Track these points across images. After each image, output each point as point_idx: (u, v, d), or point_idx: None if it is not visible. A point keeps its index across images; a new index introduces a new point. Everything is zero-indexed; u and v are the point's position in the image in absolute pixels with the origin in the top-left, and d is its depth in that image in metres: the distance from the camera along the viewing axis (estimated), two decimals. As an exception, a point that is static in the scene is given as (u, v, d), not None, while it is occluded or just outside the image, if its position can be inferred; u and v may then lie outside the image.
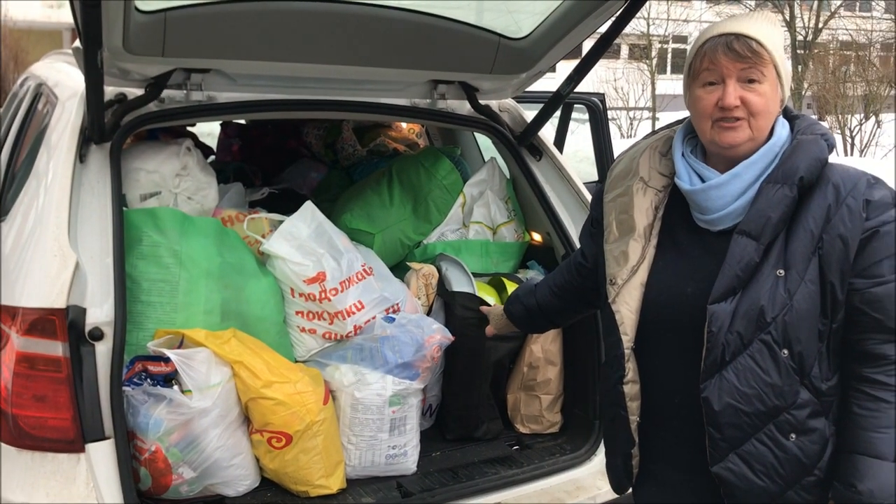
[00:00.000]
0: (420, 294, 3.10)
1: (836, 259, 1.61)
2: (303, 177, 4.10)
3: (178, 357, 2.36)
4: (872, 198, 1.63)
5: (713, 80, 1.67)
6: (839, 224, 1.61)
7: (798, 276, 1.61)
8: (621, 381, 1.79)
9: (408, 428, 2.74)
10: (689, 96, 1.73)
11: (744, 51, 1.64)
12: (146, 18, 2.37)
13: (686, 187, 1.74)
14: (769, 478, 1.66)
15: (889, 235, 1.61)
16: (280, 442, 2.49)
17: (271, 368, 2.49)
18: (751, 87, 1.65)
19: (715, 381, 1.65)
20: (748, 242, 1.63)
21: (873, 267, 1.62)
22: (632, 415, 1.80)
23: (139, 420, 2.34)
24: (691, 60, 1.72)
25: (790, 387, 1.63)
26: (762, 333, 1.62)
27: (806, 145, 1.68)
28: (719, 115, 1.66)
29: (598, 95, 4.93)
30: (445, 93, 3.09)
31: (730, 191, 1.68)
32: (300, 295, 2.71)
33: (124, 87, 2.64)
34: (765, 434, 1.65)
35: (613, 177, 1.91)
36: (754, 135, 1.67)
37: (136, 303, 2.46)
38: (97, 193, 2.40)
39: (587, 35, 2.79)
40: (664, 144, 1.86)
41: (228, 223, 2.87)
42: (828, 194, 1.64)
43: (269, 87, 2.83)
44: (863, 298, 1.63)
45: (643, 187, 1.82)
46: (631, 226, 1.79)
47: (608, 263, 1.83)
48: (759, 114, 1.66)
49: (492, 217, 3.40)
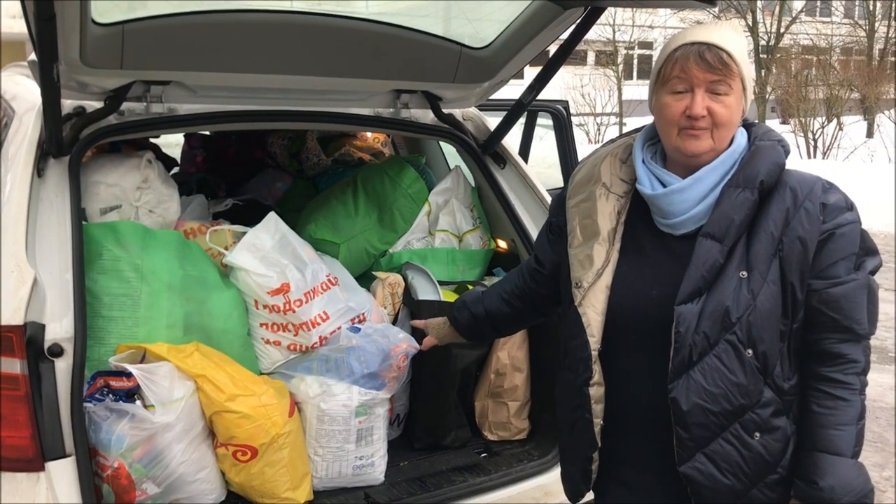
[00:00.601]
0: (386, 303, 3.10)
1: (796, 260, 1.66)
2: (268, 187, 4.08)
3: (140, 372, 2.33)
4: (828, 201, 1.69)
5: (682, 88, 1.69)
6: (798, 226, 1.66)
7: (761, 277, 1.65)
8: (587, 383, 1.80)
9: (375, 438, 2.73)
10: (656, 102, 1.75)
11: (715, 62, 1.66)
12: (103, 31, 2.35)
13: (648, 192, 1.76)
14: (735, 476, 1.69)
15: (844, 237, 1.68)
16: (245, 455, 2.47)
17: (235, 381, 2.47)
18: (718, 99, 1.68)
19: (682, 382, 1.67)
20: (712, 245, 1.67)
21: (830, 268, 1.67)
22: (596, 417, 1.82)
23: (101, 436, 2.31)
24: (661, 66, 1.73)
25: (755, 386, 1.67)
26: (727, 334, 1.65)
27: (765, 151, 1.73)
28: (686, 124, 1.69)
29: (562, 102, 4.96)
30: (409, 102, 3.09)
31: (692, 195, 1.71)
32: (264, 307, 2.69)
33: (83, 100, 2.61)
34: (730, 433, 1.68)
35: (575, 183, 1.93)
36: (716, 145, 1.71)
37: (97, 318, 2.43)
38: (56, 208, 2.37)
39: (549, 43, 2.81)
40: (624, 151, 1.89)
41: (191, 235, 2.84)
42: (786, 198, 1.69)
43: (231, 99, 2.81)
44: (820, 298, 1.68)
45: (605, 193, 1.84)
46: (595, 230, 1.82)
47: (573, 267, 1.84)
48: (723, 125, 1.69)
49: (457, 225, 3.40)
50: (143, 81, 2.60)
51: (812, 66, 22.98)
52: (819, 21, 28.52)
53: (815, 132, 19.15)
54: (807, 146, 19.10)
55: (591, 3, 2.52)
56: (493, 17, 2.84)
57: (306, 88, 2.90)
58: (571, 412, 1.88)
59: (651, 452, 1.80)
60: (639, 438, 1.82)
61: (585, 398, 1.81)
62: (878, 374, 5.98)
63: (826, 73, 21.82)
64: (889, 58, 26.87)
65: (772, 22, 26.24)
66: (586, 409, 1.82)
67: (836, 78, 21.60)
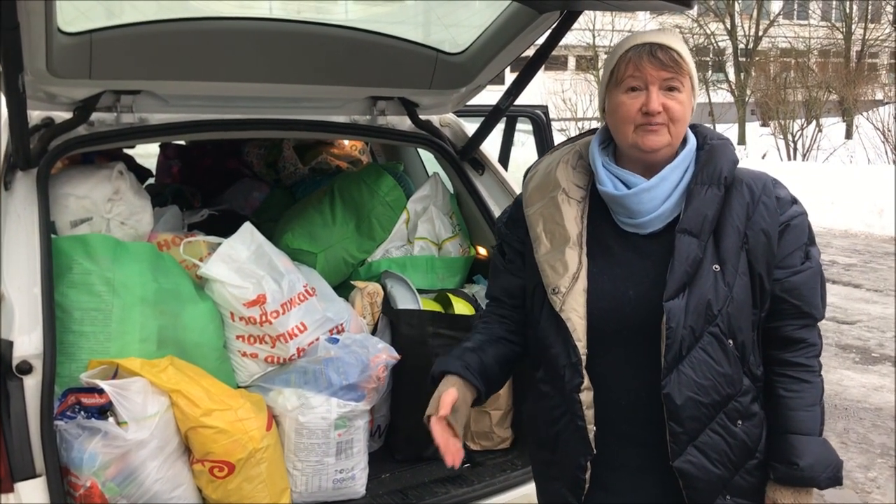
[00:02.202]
0: (365, 313, 3.06)
1: (762, 252, 1.74)
2: (245, 197, 4.04)
3: (113, 388, 2.28)
4: (780, 195, 1.79)
5: (637, 85, 1.73)
6: (760, 220, 1.75)
7: (733, 270, 1.72)
8: (578, 389, 1.76)
9: (355, 451, 2.69)
10: (610, 102, 1.78)
11: (668, 60, 1.72)
12: (70, 40, 2.31)
13: (613, 193, 1.78)
14: (723, 465, 1.73)
15: (797, 228, 1.78)
16: (222, 471, 2.42)
17: (211, 396, 2.42)
18: (671, 95, 1.72)
19: (674, 377, 1.69)
20: (691, 240, 1.71)
21: (787, 258, 1.77)
22: (589, 423, 1.77)
23: (73, 455, 2.25)
24: (613, 67, 1.77)
25: (738, 375, 1.74)
26: (710, 326, 1.70)
27: (721, 149, 1.81)
28: (643, 121, 1.72)
29: (542, 108, 4.94)
30: (385, 109, 3.07)
31: (658, 193, 1.75)
32: (240, 318, 2.65)
33: (52, 110, 2.57)
34: (717, 423, 1.72)
35: (531, 191, 1.92)
36: (672, 140, 1.75)
37: (67, 333, 2.38)
38: (24, 221, 2.32)
39: (525, 48, 2.79)
40: (574, 157, 1.90)
41: (164, 247, 2.80)
42: (744, 193, 1.77)
43: (205, 108, 2.78)
44: (783, 287, 1.77)
45: (566, 198, 1.85)
46: (565, 235, 1.81)
47: (545, 274, 1.81)
48: (678, 120, 1.74)
49: (436, 232, 3.37)
50: (112, 91, 2.55)
51: (790, 68, 23.18)
52: (797, 24, 28.78)
53: (795, 134, 19.29)
54: (787, 148, 19.23)
55: (567, 7, 2.50)
56: (468, 22, 2.82)
57: (281, 96, 2.87)
58: (553, 424, 1.84)
59: (632, 454, 1.79)
60: (625, 441, 1.79)
61: (576, 405, 1.77)
62: (861, 374, 6.00)
63: (804, 76, 22.04)
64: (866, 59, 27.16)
65: (750, 25, 26.45)
66: (578, 416, 1.78)
67: (815, 80, 21.80)
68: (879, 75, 26.80)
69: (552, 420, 1.84)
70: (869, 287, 8.60)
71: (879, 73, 27.32)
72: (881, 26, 27.73)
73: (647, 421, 1.74)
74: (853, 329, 7.06)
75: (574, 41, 25.33)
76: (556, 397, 1.83)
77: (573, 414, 1.79)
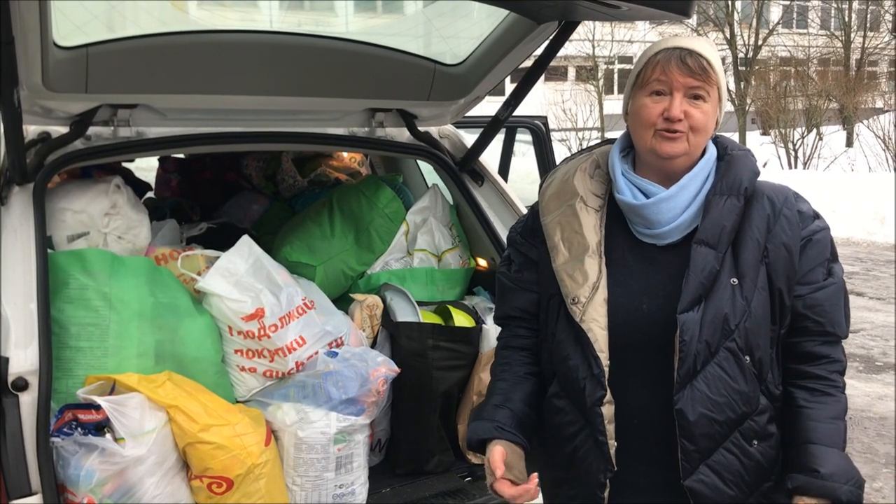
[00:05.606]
0: (364, 326, 3.04)
1: (783, 266, 1.70)
2: (244, 210, 4.03)
3: (110, 404, 2.26)
4: (802, 209, 1.75)
5: (661, 89, 1.69)
6: (780, 233, 1.70)
7: (752, 284, 1.68)
8: (601, 402, 1.71)
9: (355, 466, 2.67)
10: (633, 104, 1.74)
11: (696, 67, 1.67)
12: (66, 55, 2.30)
13: (632, 202, 1.74)
14: (737, 486, 1.69)
15: (819, 243, 1.73)
16: (221, 487, 2.40)
17: (209, 411, 2.40)
18: (695, 104, 1.68)
19: (687, 392, 1.65)
20: (708, 251, 1.67)
21: (809, 273, 1.72)
22: (610, 439, 1.72)
23: (70, 472, 2.23)
24: (640, 69, 1.73)
25: (754, 393, 1.69)
26: (727, 341, 1.65)
27: (741, 160, 1.76)
28: (663, 126, 1.68)
29: (541, 118, 4.94)
30: (384, 121, 3.06)
31: (678, 203, 1.71)
32: (238, 333, 2.63)
33: (49, 125, 2.56)
34: (731, 442, 1.68)
35: (548, 199, 1.88)
36: (690, 149, 1.71)
37: (64, 349, 2.37)
38: (20, 236, 2.31)
39: (523, 59, 2.78)
40: (591, 166, 1.87)
41: (162, 261, 2.78)
42: (765, 206, 1.72)
43: (203, 121, 2.77)
44: (805, 304, 1.71)
45: (584, 206, 1.81)
46: (584, 244, 1.77)
47: (564, 283, 1.77)
48: (699, 130, 1.69)
49: (436, 244, 3.36)
50: (109, 105, 2.54)
51: (790, 77, 23.19)
52: (796, 33, 28.81)
53: (796, 143, 19.28)
54: (787, 157, 19.22)
55: (565, 18, 2.49)
56: (466, 33, 2.82)
57: (279, 109, 2.86)
58: (569, 440, 1.78)
59: (649, 471, 1.75)
60: (636, 457, 1.75)
61: (597, 419, 1.72)
62: (865, 383, 5.96)
63: (804, 84, 22.02)
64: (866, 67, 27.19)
65: (749, 34, 26.48)
66: (599, 430, 1.72)
67: (815, 88, 21.78)
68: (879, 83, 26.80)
69: (568, 436, 1.78)
70: (871, 295, 8.57)
71: (879, 81, 27.31)
72: (880, 34, 27.76)
73: (655, 440, 1.70)
74: (856, 338, 7.03)
75: (574, 52, 25.35)
76: (574, 412, 1.77)
77: (593, 429, 1.73)
